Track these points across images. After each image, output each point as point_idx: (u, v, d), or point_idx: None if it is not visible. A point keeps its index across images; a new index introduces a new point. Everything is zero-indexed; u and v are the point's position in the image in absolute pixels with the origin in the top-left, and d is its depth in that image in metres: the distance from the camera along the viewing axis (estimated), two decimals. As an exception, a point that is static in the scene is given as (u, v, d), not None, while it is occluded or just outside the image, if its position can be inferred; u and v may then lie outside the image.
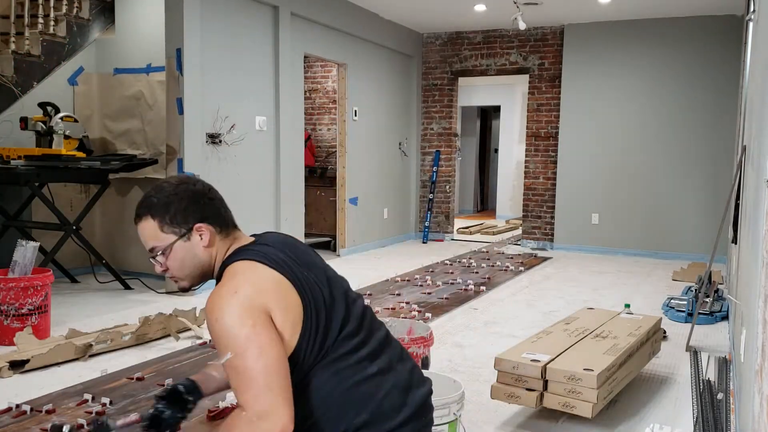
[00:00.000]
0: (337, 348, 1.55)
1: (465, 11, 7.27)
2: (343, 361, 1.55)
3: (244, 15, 5.59)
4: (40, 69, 5.04)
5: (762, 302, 1.74)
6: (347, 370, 1.55)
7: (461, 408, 2.22)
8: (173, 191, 1.60)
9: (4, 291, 3.68)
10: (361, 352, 1.59)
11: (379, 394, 1.57)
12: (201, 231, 1.60)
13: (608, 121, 7.62)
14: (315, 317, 1.53)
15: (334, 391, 1.53)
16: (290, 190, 6.28)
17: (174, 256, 1.60)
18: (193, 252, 1.60)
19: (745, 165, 3.47)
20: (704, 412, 2.80)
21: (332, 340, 1.55)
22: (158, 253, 1.61)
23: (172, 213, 1.58)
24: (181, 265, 1.62)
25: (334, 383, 1.54)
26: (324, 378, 1.53)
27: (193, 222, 1.59)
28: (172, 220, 1.58)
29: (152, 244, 1.61)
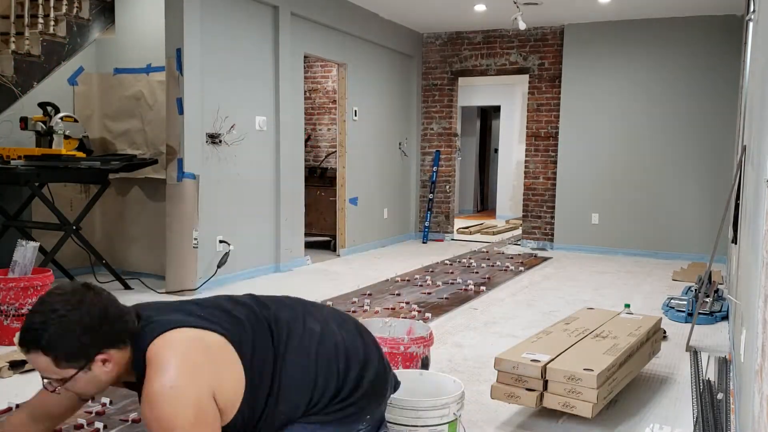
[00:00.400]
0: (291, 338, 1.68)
1: (465, 11, 7.27)
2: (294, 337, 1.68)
3: (244, 15, 5.60)
4: (40, 69, 5.04)
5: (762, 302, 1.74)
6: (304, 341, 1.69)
7: (461, 408, 2.22)
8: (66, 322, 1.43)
9: (4, 291, 3.68)
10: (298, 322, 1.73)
11: (337, 340, 1.73)
12: (103, 358, 1.47)
13: (608, 121, 7.62)
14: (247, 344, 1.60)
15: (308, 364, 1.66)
16: (290, 190, 6.28)
17: (75, 385, 1.49)
18: (96, 379, 1.50)
19: (745, 165, 3.47)
20: (704, 412, 2.80)
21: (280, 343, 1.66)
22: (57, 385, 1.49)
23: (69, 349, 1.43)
24: (85, 390, 1.53)
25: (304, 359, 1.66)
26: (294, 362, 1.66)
27: (94, 353, 1.45)
28: (69, 357, 1.44)
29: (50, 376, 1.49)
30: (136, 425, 2.67)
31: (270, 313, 1.69)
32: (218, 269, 5.40)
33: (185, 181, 5.07)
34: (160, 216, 5.49)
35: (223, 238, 5.48)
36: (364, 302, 4.91)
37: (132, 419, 2.70)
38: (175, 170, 5.07)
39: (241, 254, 5.68)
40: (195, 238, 5.13)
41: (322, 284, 5.64)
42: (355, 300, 4.98)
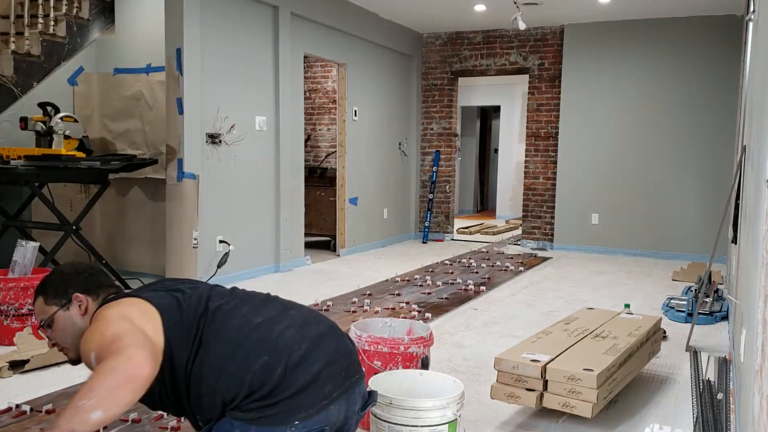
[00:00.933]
0: (213, 319, 1.69)
1: (465, 11, 7.27)
2: (225, 325, 1.68)
3: (244, 15, 5.59)
4: (40, 69, 5.04)
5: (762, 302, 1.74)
6: (230, 330, 1.67)
7: (461, 408, 2.22)
8: (59, 271, 1.82)
9: (4, 291, 3.68)
10: (240, 311, 1.72)
11: (272, 336, 1.67)
12: (80, 300, 1.74)
13: (608, 121, 7.62)
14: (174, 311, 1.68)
15: (229, 353, 1.63)
16: (290, 190, 6.28)
17: (57, 326, 1.74)
18: (72, 320, 1.74)
19: (745, 165, 3.47)
20: (704, 412, 2.80)
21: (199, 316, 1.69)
22: (45, 325, 1.75)
23: (55, 287, 1.76)
24: (63, 334, 1.75)
25: (227, 347, 1.64)
26: (215, 349, 1.64)
27: (72, 292, 1.75)
28: (55, 293, 1.75)
29: (40, 317, 1.76)
30: (136, 425, 2.67)
31: (216, 303, 1.74)
32: (218, 269, 5.40)
33: (185, 181, 5.07)
34: (160, 216, 5.49)
35: (223, 238, 5.48)
36: (364, 302, 4.91)
37: (132, 419, 2.70)
38: (175, 170, 5.07)
39: (241, 254, 5.68)
40: (195, 238, 5.13)
41: (322, 284, 5.64)
42: (355, 300, 4.98)
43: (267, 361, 1.60)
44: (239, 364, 1.60)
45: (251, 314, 1.71)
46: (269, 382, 1.58)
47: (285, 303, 1.83)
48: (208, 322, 1.68)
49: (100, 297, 1.76)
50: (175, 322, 1.66)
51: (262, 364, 1.59)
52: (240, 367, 1.60)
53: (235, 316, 1.70)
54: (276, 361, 1.60)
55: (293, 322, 1.72)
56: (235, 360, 1.61)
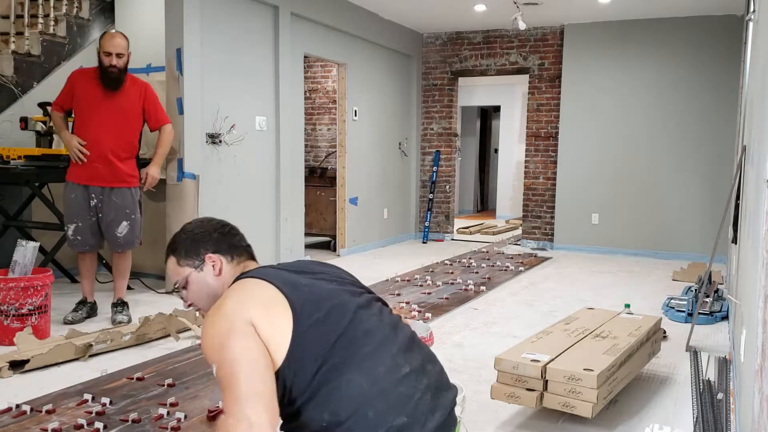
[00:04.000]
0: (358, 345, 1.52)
1: (465, 11, 7.27)
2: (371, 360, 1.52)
3: (244, 15, 5.59)
4: (40, 69, 5.04)
5: (762, 302, 1.74)
6: (380, 368, 1.51)
7: (462, 411, 2.22)
8: (189, 230, 1.77)
9: (4, 291, 3.68)
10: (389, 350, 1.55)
11: (416, 395, 1.52)
12: (213, 261, 1.71)
13: (608, 121, 7.62)
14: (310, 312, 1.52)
15: (370, 393, 1.48)
16: (290, 190, 6.28)
17: (192, 288, 1.72)
18: (206, 281, 1.71)
19: (745, 165, 3.47)
20: (704, 412, 2.80)
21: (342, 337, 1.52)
22: (180, 286, 1.74)
23: (187, 248, 1.73)
24: (199, 296, 1.73)
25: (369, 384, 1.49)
26: (355, 380, 1.49)
27: (204, 253, 1.71)
28: (187, 254, 1.72)
29: (174, 279, 1.76)
30: (136, 425, 2.67)
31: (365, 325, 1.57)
32: (218, 269, 5.39)
33: (185, 181, 5.07)
34: (160, 216, 5.49)
35: (223, 238, 5.47)
36: (364, 302, 4.90)
37: (132, 419, 2.70)
38: (175, 170, 5.07)
39: (241, 254, 5.67)
40: (195, 238, 5.12)
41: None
42: (355, 300, 4.97)
43: (405, 422, 1.49)
44: (379, 412, 1.47)
45: (400, 358, 1.55)
46: None
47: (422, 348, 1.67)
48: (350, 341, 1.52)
49: (234, 259, 1.73)
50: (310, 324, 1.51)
51: (400, 424, 1.48)
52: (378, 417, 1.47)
53: (385, 355, 1.54)
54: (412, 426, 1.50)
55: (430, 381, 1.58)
56: (375, 406, 1.47)
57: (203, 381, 3.19)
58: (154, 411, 2.80)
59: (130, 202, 4.23)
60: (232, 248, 1.74)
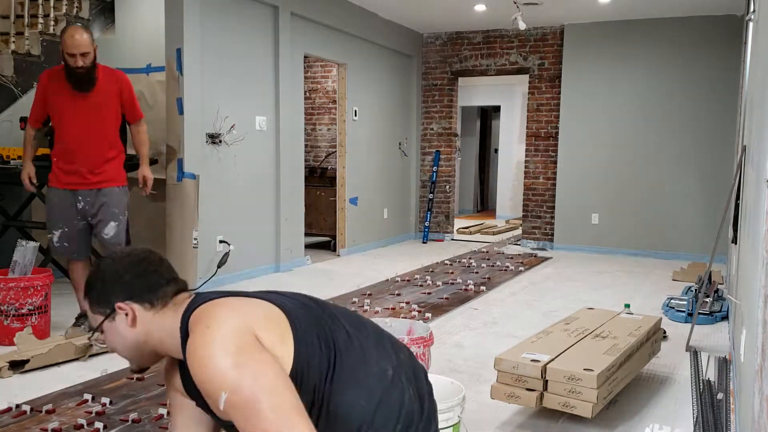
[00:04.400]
0: (347, 360, 1.42)
1: (465, 11, 7.27)
2: (362, 371, 1.42)
3: (244, 15, 5.59)
4: (40, 69, 5.03)
5: (762, 302, 1.74)
6: (371, 379, 1.42)
7: (463, 411, 2.23)
8: (102, 269, 1.51)
9: (4, 291, 3.68)
10: (371, 354, 1.46)
11: (405, 396, 1.46)
12: (124, 310, 1.46)
13: (608, 121, 7.62)
14: (303, 325, 1.40)
15: (368, 409, 1.40)
16: (290, 190, 6.28)
17: (108, 338, 1.51)
18: (119, 333, 1.48)
19: (745, 165, 3.47)
20: (704, 412, 2.80)
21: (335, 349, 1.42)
22: (95, 333, 1.52)
23: (98, 293, 1.48)
24: (115, 347, 1.52)
25: (366, 400, 1.40)
26: (353, 399, 1.39)
27: (114, 301, 1.46)
28: (98, 301, 1.48)
29: (89, 324, 1.54)
30: (136, 425, 2.67)
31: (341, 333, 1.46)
32: (218, 269, 5.39)
33: (185, 181, 5.07)
34: (160, 216, 5.49)
35: (223, 238, 5.48)
36: (364, 302, 4.91)
37: (132, 419, 2.70)
38: (175, 170, 5.07)
39: (241, 254, 5.68)
40: (195, 238, 5.13)
41: (322, 284, 5.64)
42: (355, 300, 4.98)
43: (403, 427, 1.43)
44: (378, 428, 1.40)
45: (382, 361, 1.47)
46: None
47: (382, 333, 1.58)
48: (339, 353, 1.42)
49: (155, 305, 1.47)
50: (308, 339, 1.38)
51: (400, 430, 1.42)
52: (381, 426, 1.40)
53: (370, 362, 1.45)
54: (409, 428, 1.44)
55: (408, 373, 1.51)
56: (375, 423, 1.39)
57: (203, 381, 3.19)
58: (154, 411, 2.80)
59: (118, 201, 4.02)
60: (150, 291, 1.47)
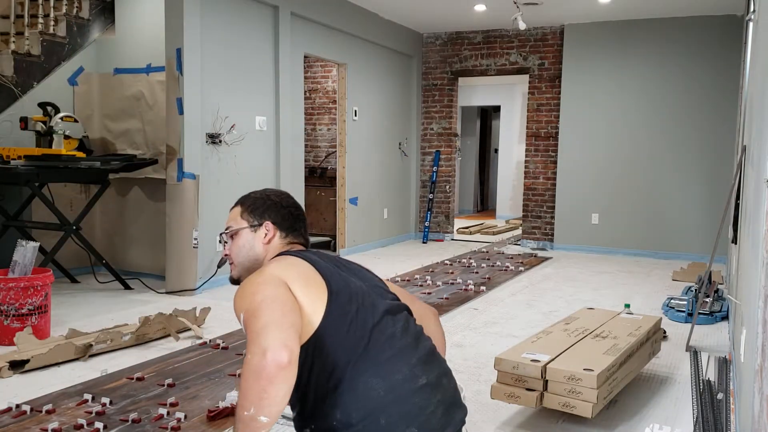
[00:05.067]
0: (380, 348, 1.53)
1: (465, 11, 7.27)
2: (390, 366, 1.51)
3: (244, 15, 5.59)
4: (40, 69, 5.03)
5: (762, 302, 1.74)
6: (397, 376, 1.51)
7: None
8: (266, 195, 1.88)
9: (4, 291, 3.68)
10: (409, 357, 1.55)
11: (428, 408, 1.52)
12: (268, 229, 1.79)
13: (608, 121, 7.62)
14: (343, 302, 1.54)
15: (385, 399, 1.48)
16: (290, 190, 6.27)
17: (237, 242, 1.79)
18: (252, 242, 1.78)
19: (745, 165, 3.47)
20: (704, 412, 2.80)
21: (367, 337, 1.53)
22: (228, 234, 1.82)
23: (255, 207, 1.83)
24: (239, 251, 1.78)
25: (385, 390, 1.49)
26: (372, 383, 1.49)
27: (266, 219, 1.80)
28: (252, 212, 1.82)
29: (229, 224, 1.84)
30: (136, 425, 2.67)
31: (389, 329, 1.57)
32: (218, 269, 5.39)
33: (185, 181, 5.07)
34: (160, 216, 5.49)
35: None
36: (364, 302, 4.90)
37: (132, 419, 2.70)
38: (175, 170, 5.07)
39: (241, 254, 5.67)
40: (195, 238, 5.13)
41: (322, 284, 5.63)
42: (355, 300, 4.97)
43: None
44: (391, 420, 1.48)
45: (418, 369, 1.55)
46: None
47: (441, 362, 1.67)
48: (374, 343, 1.53)
49: (287, 237, 1.80)
50: (343, 304, 1.55)
51: None
52: (390, 425, 1.48)
53: (404, 363, 1.54)
54: None
55: (445, 397, 1.58)
56: (388, 413, 1.48)
57: (203, 381, 3.19)
58: (154, 411, 2.80)
59: None
60: (291, 228, 1.82)
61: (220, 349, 3.71)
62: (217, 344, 3.77)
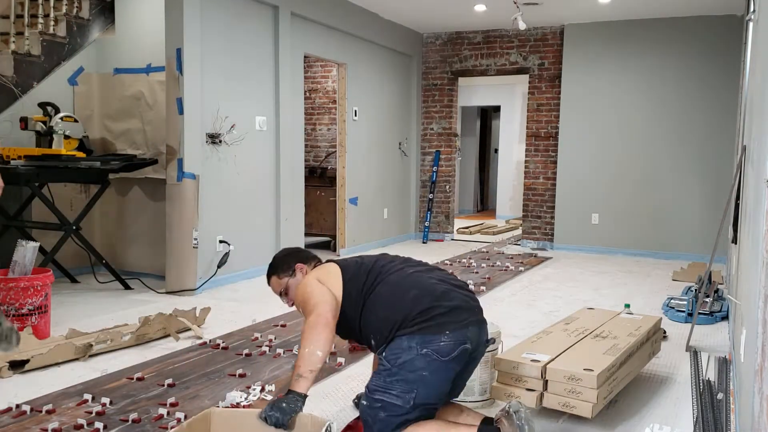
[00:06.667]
0: (386, 274, 2.43)
1: (465, 11, 7.27)
2: (388, 275, 2.42)
3: (244, 15, 5.59)
4: (40, 69, 5.03)
5: (762, 302, 1.74)
6: (392, 277, 2.41)
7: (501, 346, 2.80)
8: (279, 257, 2.67)
9: (4, 291, 3.67)
10: (398, 267, 2.46)
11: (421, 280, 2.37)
12: (300, 268, 2.60)
13: (608, 121, 7.62)
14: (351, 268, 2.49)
15: (392, 292, 2.36)
16: (290, 190, 6.28)
17: (291, 290, 2.58)
18: (298, 281, 2.56)
19: (745, 165, 3.47)
20: (704, 412, 2.80)
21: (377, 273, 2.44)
22: (283, 293, 2.60)
23: (281, 266, 2.62)
24: (296, 295, 2.51)
25: (389, 288, 2.38)
26: (382, 290, 2.38)
27: (294, 263, 2.61)
28: (284, 271, 2.60)
29: (278, 289, 2.62)
30: (136, 425, 2.67)
31: (381, 263, 2.50)
32: (218, 269, 5.40)
33: (185, 181, 5.07)
34: (160, 216, 5.49)
35: (223, 238, 5.48)
36: (364, 302, 4.90)
37: (132, 419, 2.70)
38: (175, 170, 5.07)
39: (241, 254, 5.68)
40: (195, 238, 5.13)
41: (322, 284, 5.64)
42: (355, 300, 4.97)
43: (416, 294, 2.30)
44: (397, 298, 2.32)
45: (407, 268, 2.45)
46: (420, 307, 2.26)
47: (432, 267, 2.53)
48: (376, 275, 2.42)
49: (311, 263, 2.63)
50: (352, 275, 2.45)
51: (412, 296, 2.30)
52: (398, 300, 2.31)
53: (395, 270, 2.44)
54: (423, 294, 2.30)
55: (437, 276, 2.42)
56: (394, 295, 2.34)
57: (203, 381, 3.20)
58: (154, 411, 2.80)
59: None
60: (307, 258, 2.66)
61: (220, 349, 3.71)
62: (217, 344, 3.77)
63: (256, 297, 5.06)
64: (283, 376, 3.26)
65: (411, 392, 2.18)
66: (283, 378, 3.17)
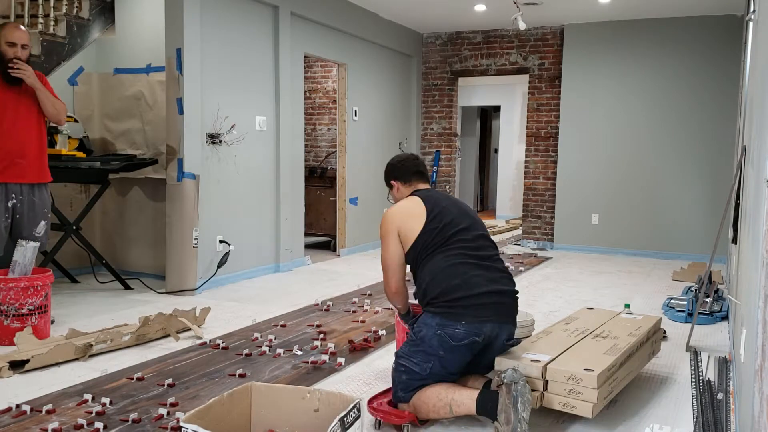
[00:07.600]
0: (452, 244, 2.71)
1: (465, 11, 7.27)
2: (452, 250, 2.70)
3: (244, 15, 5.60)
4: (40, 69, 5.03)
5: (762, 302, 1.74)
6: (455, 251, 2.70)
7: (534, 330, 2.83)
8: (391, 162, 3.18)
9: (4, 291, 3.67)
10: (467, 251, 2.70)
11: (469, 273, 2.64)
12: (393, 184, 3.08)
13: (608, 121, 7.62)
14: (432, 225, 2.74)
15: (444, 267, 2.66)
16: (290, 190, 6.28)
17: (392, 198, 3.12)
18: (393, 195, 3.09)
19: (745, 165, 3.47)
20: (704, 412, 2.80)
21: (445, 239, 2.72)
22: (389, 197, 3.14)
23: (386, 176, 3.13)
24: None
25: (444, 262, 2.67)
26: (438, 259, 2.69)
27: (390, 179, 3.10)
28: (387, 180, 3.12)
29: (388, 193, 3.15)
30: (136, 425, 2.67)
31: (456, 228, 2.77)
32: (218, 269, 5.40)
33: (185, 181, 5.07)
34: (160, 216, 5.49)
35: (223, 238, 5.48)
36: (364, 302, 4.90)
37: (132, 419, 2.70)
38: (175, 170, 5.07)
39: (241, 254, 5.68)
40: (195, 238, 5.13)
41: (322, 284, 5.64)
42: (355, 300, 4.98)
43: (457, 284, 2.61)
44: (445, 276, 2.64)
45: (469, 252, 2.70)
46: (453, 295, 2.60)
47: (491, 261, 2.76)
48: (446, 238, 2.71)
49: (410, 183, 3.02)
50: (429, 228, 2.73)
51: (454, 284, 2.61)
52: (443, 280, 2.63)
53: (459, 249, 2.70)
54: (462, 287, 2.61)
55: (486, 276, 2.67)
56: (443, 272, 2.65)
57: (203, 381, 3.20)
58: (154, 411, 2.80)
59: (47, 200, 4.13)
60: (407, 176, 3.03)
61: (220, 349, 3.71)
62: (217, 344, 3.77)
63: (256, 297, 5.06)
64: (283, 376, 3.26)
65: (428, 362, 2.59)
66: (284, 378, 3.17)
